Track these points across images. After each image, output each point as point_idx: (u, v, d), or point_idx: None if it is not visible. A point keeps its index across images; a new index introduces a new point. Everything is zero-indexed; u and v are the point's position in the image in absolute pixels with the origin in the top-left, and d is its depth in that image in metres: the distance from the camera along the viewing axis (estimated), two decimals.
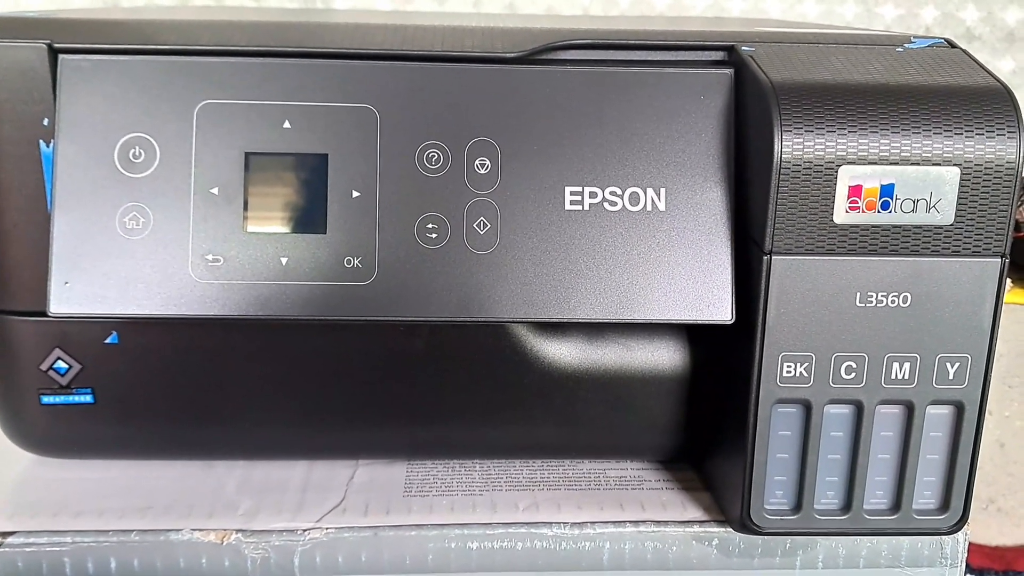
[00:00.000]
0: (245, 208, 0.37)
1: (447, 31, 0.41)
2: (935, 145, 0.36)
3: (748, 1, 0.75)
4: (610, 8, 0.75)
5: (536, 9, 0.74)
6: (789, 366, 0.38)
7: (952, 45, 0.41)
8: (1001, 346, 0.39)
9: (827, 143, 0.36)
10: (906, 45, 0.41)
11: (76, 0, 0.72)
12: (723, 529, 0.41)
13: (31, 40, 0.37)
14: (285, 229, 0.37)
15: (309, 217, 0.37)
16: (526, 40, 0.39)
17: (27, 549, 0.39)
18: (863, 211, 0.36)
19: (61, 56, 0.37)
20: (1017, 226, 0.83)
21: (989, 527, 0.99)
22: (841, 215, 0.36)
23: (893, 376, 0.38)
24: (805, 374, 0.38)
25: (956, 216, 0.36)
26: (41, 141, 0.38)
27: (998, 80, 0.38)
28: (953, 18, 0.76)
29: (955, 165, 0.36)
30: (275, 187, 0.37)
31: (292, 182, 0.37)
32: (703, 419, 0.43)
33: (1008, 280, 0.39)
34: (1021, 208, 0.84)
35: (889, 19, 0.76)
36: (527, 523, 0.41)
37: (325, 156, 0.37)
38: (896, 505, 0.40)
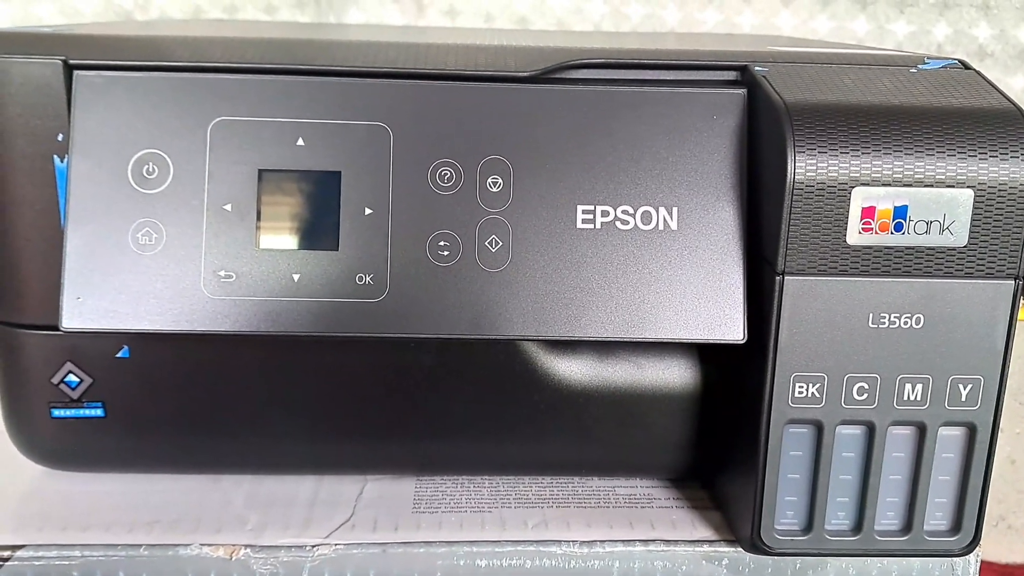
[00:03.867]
0: (258, 224, 0.37)
1: (460, 49, 0.41)
2: (949, 167, 0.36)
3: (759, 17, 0.75)
4: (621, 24, 0.75)
5: (547, 25, 0.74)
6: (801, 386, 0.38)
7: (966, 66, 0.41)
8: (1013, 364, 0.39)
9: (841, 164, 0.35)
10: (919, 66, 0.41)
11: (89, 13, 0.72)
12: (733, 549, 0.41)
13: (46, 56, 0.37)
14: (297, 246, 0.37)
15: (321, 234, 0.37)
16: (539, 59, 0.39)
17: (36, 563, 0.39)
18: (876, 232, 0.36)
19: (76, 72, 0.37)
20: None
21: (1000, 545, 0.98)
22: (854, 236, 0.36)
23: (905, 397, 0.38)
24: (817, 394, 0.38)
25: (970, 238, 0.36)
26: (55, 156, 0.38)
27: (1012, 102, 0.38)
28: (965, 35, 0.76)
29: (969, 187, 0.36)
30: (288, 204, 0.37)
31: (305, 199, 0.37)
32: (713, 438, 0.43)
33: (1022, 298, 0.39)
34: None
35: (901, 36, 0.76)
36: (536, 541, 0.41)
37: (338, 173, 0.37)
38: (907, 526, 0.40)
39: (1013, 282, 0.37)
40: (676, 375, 0.42)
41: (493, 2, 0.74)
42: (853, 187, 0.36)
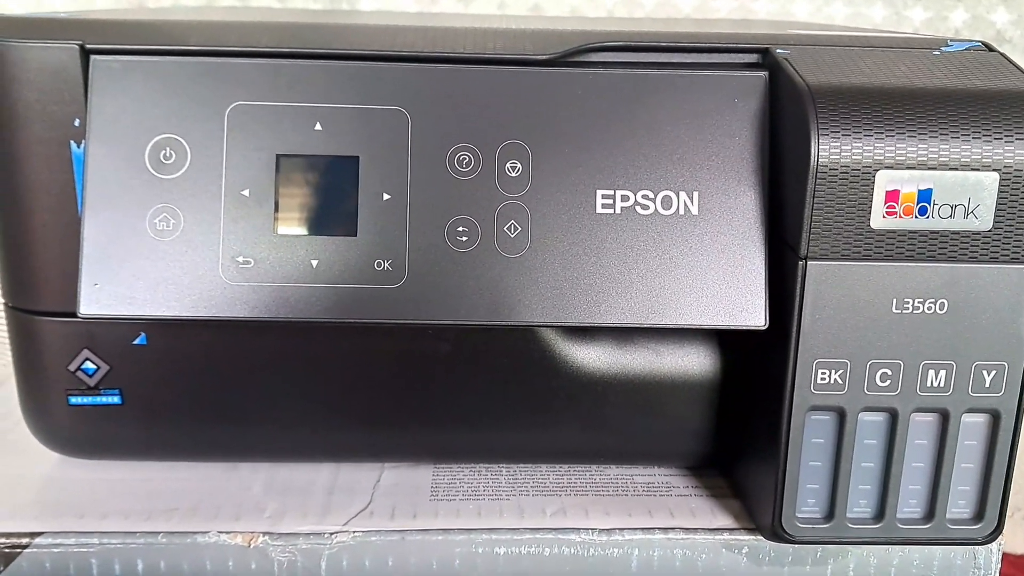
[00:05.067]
0: (276, 210, 0.37)
1: (478, 33, 0.40)
2: (974, 150, 0.35)
3: (775, 3, 0.75)
4: (635, 10, 0.75)
5: (560, 11, 0.74)
6: (823, 373, 0.37)
7: (990, 48, 0.40)
8: None
9: (864, 147, 0.35)
10: (943, 48, 0.40)
11: (102, 2, 0.72)
12: (753, 537, 0.41)
13: (63, 41, 0.37)
14: (315, 231, 0.37)
15: (339, 219, 0.37)
16: (558, 42, 0.39)
17: (55, 550, 0.39)
18: (900, 216, 0.36)
19: (93, 57, 0.37)
20: None
21: (1016, 535, 0.98)
22: (878, 220, 0.36)
23: (928, 384, 0.38)
24: (839, 381, 0.37)
25: (995, 222, 0.36)
26: (72, 142, 0.38)
27: None
28: (983, 20, 0.75)
29: (994, 170, 0.35)
30: (306, 189, 0.37)
31: (323, 184, 0.37)
32: (733, 425, 0.43)
33: None
34: None
35: (918, 22, 0.75)
36: (555, 529, 0.41)
37: (356, 158, 0.37)
38: (930, 514, 0.39)
39: None
40: (696, 362, 0.42)
41: None
42: (877, 170, 0.35)
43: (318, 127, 0.37)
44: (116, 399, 0.41)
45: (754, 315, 0.38)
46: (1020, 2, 0.74)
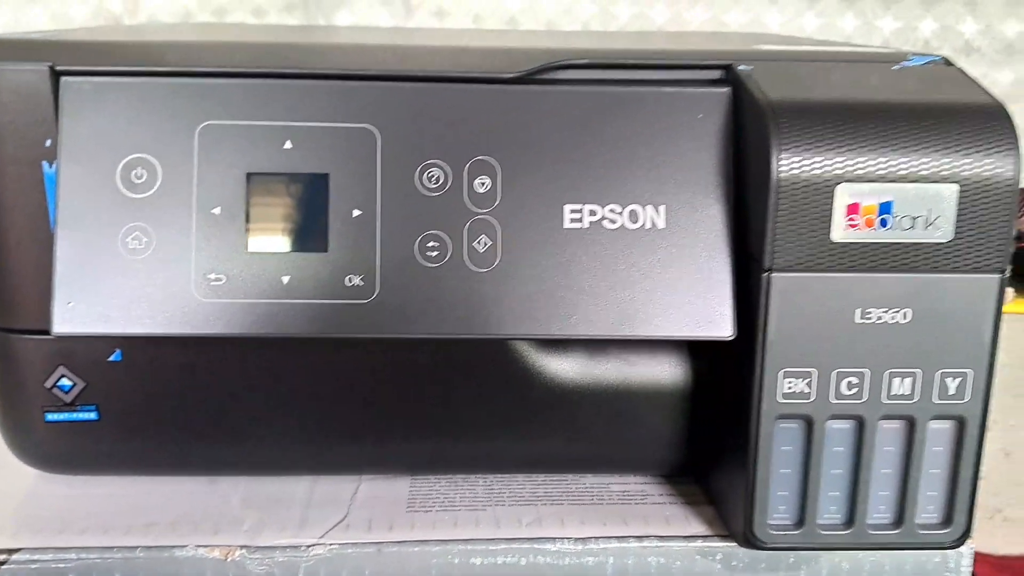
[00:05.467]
0: (247, 227, 0.37)
1: (446, 50, 0.41)
2: (933, 162, 0.36)
3: (747, 15, 0.76)
4: (609, 23, 0.75)
5: (536, 24, 0.74)
6: (790, 382, 0.38)
7: (948, 63, 0.41)
8: (1005, 357, 0.39)
9: (825, 161, 0.36)
10: (903, 63, 0.41)
11: (79, 17, 0.72)
12: (727, 544, 0.41)
13: (33, 62, 0.37)
14: (286, 248, 0.38)
15: (310, 236, 0.38)
16: (525, 60, 0.40)
17: (32, 566, 0.39)
18: (862, 228, 0.36)
19: (63, 78, 0.38)
20: (1018, 236, 0.83)
21: (996, 537, 0.98)
22: (840, 232, 0.36)
23: (894, 391, 0.38)
24: (806, 390, 0.38)
25: (955, 233, 0.37)
26: (44, 162, 0.38)
27: (994, 97, 0.38)
28: (952, 31, 0.76)
29: (953, 182, 0.36)
30: (277, 207, 0.38)
31: (293, 201, 0.38)
32: (706, 433, 0.43)
33: (1012, 291, 0.39)
34: (1022, 218, 0.84)
35: (888, 32, 0.76)
36: (530, 538, 0.41)
37: (326, 176, 0.38)
38: (899, 520, 0.40)
39: (999, 276, 0.37)
40: (667, 371, 0.43)
41: (482, 3, 0.74)
42: (838, 184, 0.36)
43: (288, 145, 0.38)
44: (93, 415, 0.42)
45: (721, 326, 0.38)
46: (987, 12, 0.76)
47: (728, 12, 0.76)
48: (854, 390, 0.38)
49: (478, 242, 0.38)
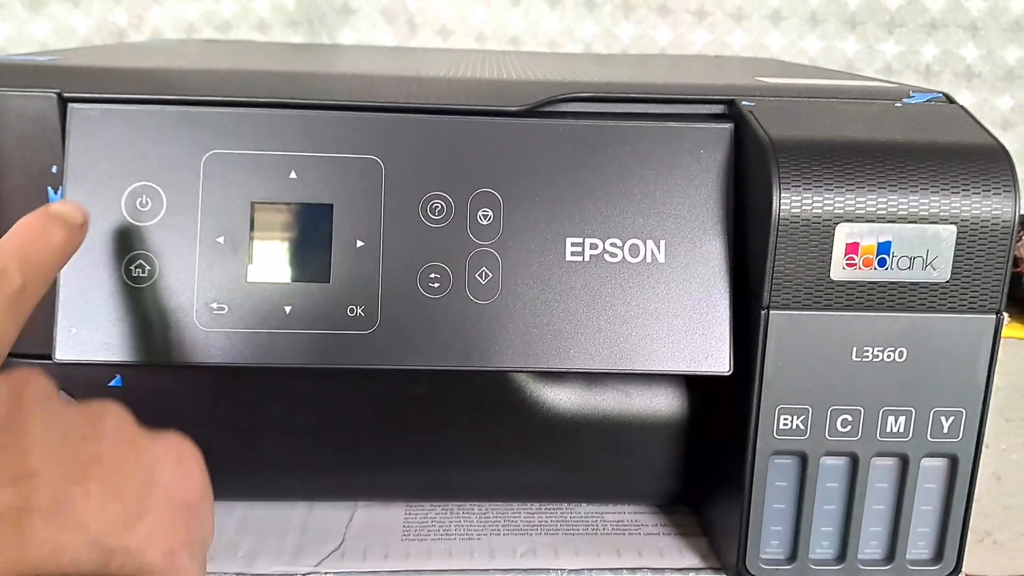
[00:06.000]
0: (250, 257, 0.38)
1: (451, 83, 0.41)
2: (932, 203, 0.36)
3: (749, 37, 0.76)
4: (612, 44, 0.76)
5: (539, 45, 0.75)
6: (786, 418, 0.38)
7: (950, 100, 0.42)
8: (999, 379, 0.40)
9: (825, 201, 0.36)
10: (904, 100, 0.41)
11: (83, 31, 0.72)
12: None
13: (41, 89, 0.38)
14: (289, 278, 0.38)
15: (313, 266, 0.38)
16: (529, 92, 0.40)
17: None
18: (860, 268, 0.37)
19: (71, 104, 0.38)
20: (1014, 261, 0.83)
21: (985, 560, 0.99)
22: (838, 272, 0.37)
23: (888, 429, 0.39)
24: (802, 426, 0.38)
25: (952, 273, 0.37)
26: (49, 188, 0.38)
27: (995, 138, 0.38)
28: (953, 55, 0.76)
29: (952, 223, 0.36)
30: (280, 236, 0.38)
31: (297, 231, 0.38)
32: (701, 464, 0.44)
33: (1006, 315, 0.39)
34: (1019, 245, 0.84)
35: (890, 56, 0.77)
36: (524, 570, 0.41)
37: (330, 206, 0.38)
38: (890, 555, 0.40)
39: (995, 316, 0.38)
40: (664, 404, 0.43)
41: (485, 23, 0.74)
42: (837, 223, 0.36)
43: (293, 175, 0.38)
44: None
45: (719, 362, 0.39)
46: (989, 37, 0.76)
47: (730, 34, 0.76)
48: (848, 427, 0.38)
49: (480, 274, 0.38)
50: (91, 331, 0.37)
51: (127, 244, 0.37)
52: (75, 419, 0.27)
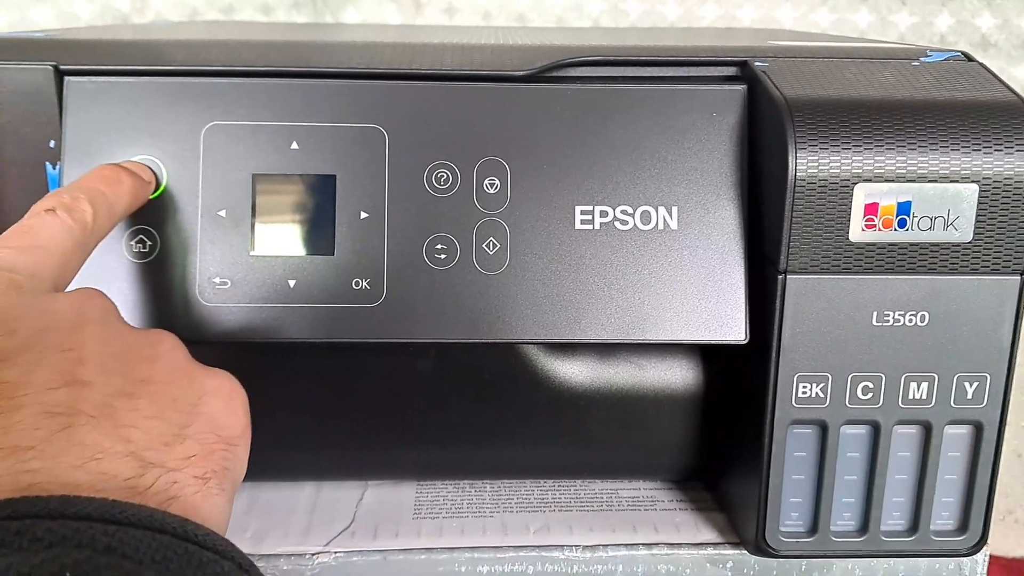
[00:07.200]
0: (253, 230, 0.37)
1: (454, 49, 0.40)
2: (953, 162, 0.35)
3: (760, 10, 0.75)
4: (620, 19, 0.75)
5: (546, 21, 0.74)
6: (805, 386, 0.37)
7: (969, 58, 0.40)
8: (1020, 355, 0.39)
9: (843, 161, 0.35)
10: (922, 59, 0.40)
11: (86, 16, 0.72)
12: (737, 551, 0.41)
13: (37, 62, 0.37)
14: (293, 251, 0.37)
15: (317, 239, 0.37)
16: (535, 57, 0.39)
17: None
18: (880, 229, 0.36)
19: (67, 78, 0.37)
20: None
21: (1007, 538, 0.98)
22: (857, 233, 0.35)
23: (910, 396, 0.37)
24: (821, 394, 0.37)
25: (975, 234, 0.36)
26: (47, 163, 0.37)
27: (1016, 94, 0.37)
28: (968, 25, 0.75)
29: (973, 182, 0.35)
30: (283, 209, 0.37)
31: (300, 203, 0.37)
32: (717, 439, 0.43)
33: None
34: None
35: (903, 27, 0.75)
36: (538, 546, 0.40)
37: (333, 177, 0.37)
38: (914, 526, 0.39)
39: (1019, 278, 0.36)
40: (678, 376, 0.42)
41: (491, 0, 0.73)
42: (855, 184, 0.35)
43: (295, 146, 0.37)
44: None
45: (734, 330, 0.38)
46: (1005, 6, 0.74)
47: (741, 7, 0.75)
48: (869, 395, 0.37)
49: (487, 244, 0.37)
50: None
51: (128, 219, 0.37)
52: (134, 340, 0.29)
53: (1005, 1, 0.74)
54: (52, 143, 0.37)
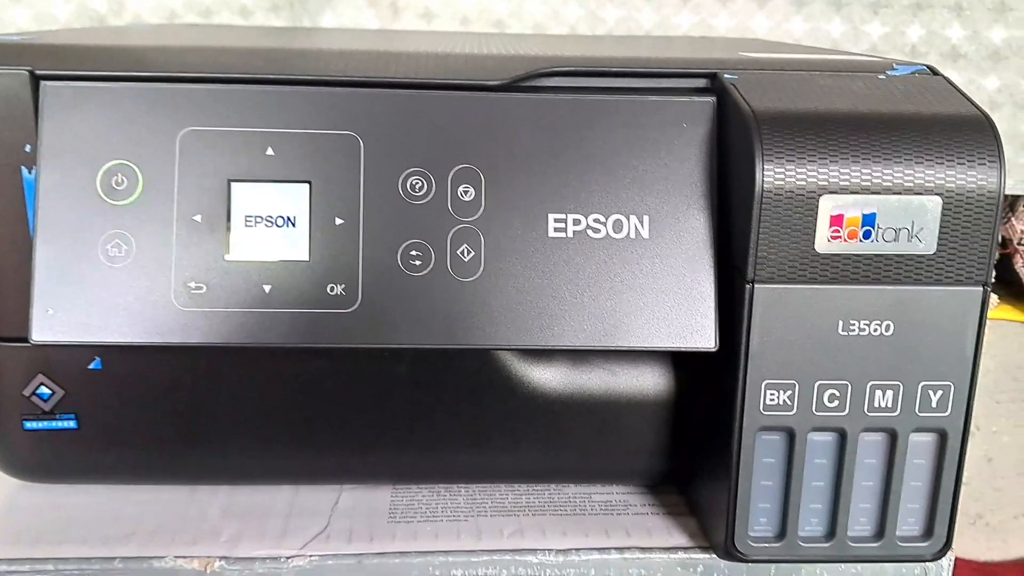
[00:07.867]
0: (228, 235, 0.37)
1: (430, 57, 0.41)
2: (917, 174, 0.36)
3: (735, 19, 0.76)
4: (597, 27, 0.75)
5: (524, 28, 0.74)
6: (772, 394, 0.38)
7: (934, 72, 0.41)
8: (988, 361, 0.40)
9: (809, 173, 0.36)
10: (888, 72, 0.41)
11: (63, 17, 0.71)
12: (708, 556, 0.41)
13: (12, 67, 0.37)
14: (268, 256, 0.37)
15: (292, 244, 0.37)
16: (509, 67, 0.39)
17: None
18: (845, 240, 0.36)
19: (43, 83, 0.37)
20: (1003, 243, 0.84)
21: (977, 542, 0.99)
22: (823, 244, 0.36)
23: (876, 404, 0.38)
24: (788, 402, 0.38)
25: (938, 245, 0.37)
26: (23, 168, 0.38)
27: (979, 109, 0.38)
28: (939, 36, 0.76)
29: (937, 194, 0.36)
30: (258, 214, 0.37)
31: (275, 209, 0.37)
32: (688, 443, 0.43)
33: (995, 296, 0.39)
34: (1006, 224, 0.84)
35: (875, 37, 0.77)
36: (512, 550, 0.41)
37: (308, 183, 0.37)
38: (880, 532, 0.40)
39: (982, 288, 0.37)
40: (650, 381, 0.42)
41: (469, 5, 0.74)
42: (821, 195, 0.36)
43: (270, 152, 0.37)
44: (72, 423, 0.41)
45: (704, 337, 0.38)
46: (974, 17, 0.76)
47: (716, 16, 0.76)
48: (836, 402, 0.38)
49: (461, 251, 0.38)
50: (68, 312, 0.37)
51: (103, 223, 0.37)
52: None
53: (975, 13, 0.75)
54: (28, 148, 0.37)
